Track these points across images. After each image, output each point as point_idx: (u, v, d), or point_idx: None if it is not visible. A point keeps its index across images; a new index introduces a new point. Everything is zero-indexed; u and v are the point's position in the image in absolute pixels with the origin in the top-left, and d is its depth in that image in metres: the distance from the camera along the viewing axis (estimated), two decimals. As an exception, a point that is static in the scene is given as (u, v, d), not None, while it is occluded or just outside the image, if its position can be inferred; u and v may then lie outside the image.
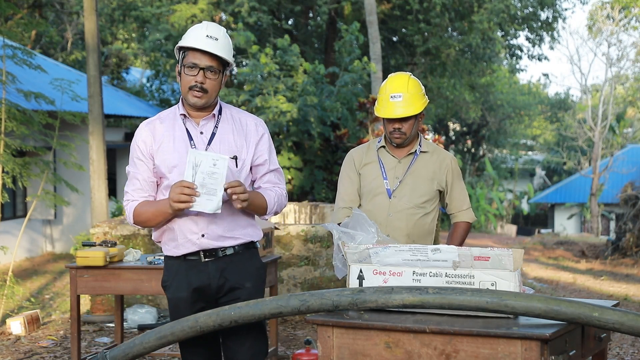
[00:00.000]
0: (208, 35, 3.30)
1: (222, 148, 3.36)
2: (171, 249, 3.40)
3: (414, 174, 3.97)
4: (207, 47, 3.27)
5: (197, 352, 3.44)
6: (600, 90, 30.57)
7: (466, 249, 2.90)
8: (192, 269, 3.36)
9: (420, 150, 4.01)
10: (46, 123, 8.36)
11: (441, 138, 13.83)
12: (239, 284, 3.38)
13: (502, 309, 2.73)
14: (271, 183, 3.49)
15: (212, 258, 3.36)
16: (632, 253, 14.79)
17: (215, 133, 3.38)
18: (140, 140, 3.38)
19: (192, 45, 3.28)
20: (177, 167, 3.32)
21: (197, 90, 3.29)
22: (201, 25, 3.36)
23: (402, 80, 3.92)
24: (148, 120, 3.45)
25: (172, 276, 3.41)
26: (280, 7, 20.23)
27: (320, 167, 14.81)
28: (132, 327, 7.12)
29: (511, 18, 21.75)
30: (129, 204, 3.39)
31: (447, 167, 4.02)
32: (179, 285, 3.38)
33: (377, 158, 4.02)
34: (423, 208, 3.95)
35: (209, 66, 3.29)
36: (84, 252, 5.00)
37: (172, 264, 3.42)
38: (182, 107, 3.39)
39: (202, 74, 3.29)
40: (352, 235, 3.19)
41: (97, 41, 10.62)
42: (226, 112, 3.46)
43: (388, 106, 3.88)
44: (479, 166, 34.60)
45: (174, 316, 3.40)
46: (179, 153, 3.33)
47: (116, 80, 20.61)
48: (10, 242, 11.52)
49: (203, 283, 3.36)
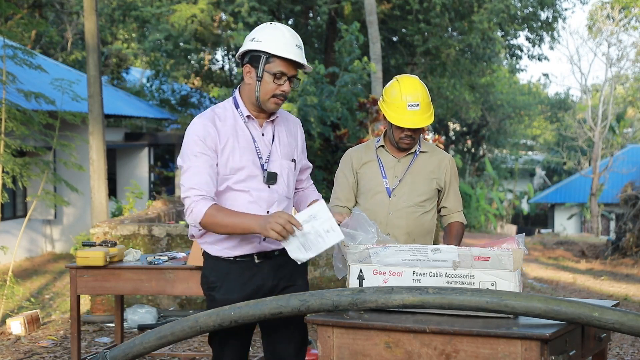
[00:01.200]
0: (297, 45, 3.28)
1: (281, 150, 3.37)
2: (223, 249, 3.32)
3: (413, 173, 3.98)
4: (300, 59, 3.26)
5: (229, 344, 3.38)
6: (600, 90, 30.57)
7: (466, 249, 2.90)
8: (246, 271, 3.32)
9: (419, 150, 4.02)
10: (46, 123, 8.36)
11: (441, 138, 13.84)
12: (292, 282, 3.40)
13: (502, 309, 2.73)
14: (309, 181, 3.61)
15: (265, 259, 3.34)
16: (632, 253, 14.79)
17: (274, 135, 3.37)
18: (203, 135, 3.23)
19: (286, 56, 3.23)
20: (243, 169, 3.27)
21: (281, 97, 3.28)
22: (287, 33, 3.29)
23: (416, 87, 3.88)
24: (206, 116, 3.30)
25: (223, 277, 3.33)
26: (280, 7, 20.22)
27: (320, 167, 14.80)
28: (132, 327, 7.12)
29: (511, 18, 21.74)
30: (200, 201, 3.17)
31: (446, 167, 4.03)
32: (231, 287, 3.32)
33: (376, 157, 4.02)
34: (422, 207, 3.97)
35: (294, 75, 3.29)
36: (84, 252, 5.00)
37: (221, 265, 3.34)
38: (246, 108, 3.33)
39: (288, 83, 3.27)
40: (352, 235, 3.19)
41: (97, 41, 10.62)
42: (279, 114, 3.46)
43: (405, 115, 3.83)
44: (479, 166, 34.60)
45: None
46: (245, 155, 3.28)
47: (116, 80, 20.62)
48: (10, 242, 11.52)
49: (257, 284, 3.33)
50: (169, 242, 7.60)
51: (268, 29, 3.30)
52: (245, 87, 3.32)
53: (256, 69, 3.26)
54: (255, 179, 3.29)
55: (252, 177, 3.29)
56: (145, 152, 17.07)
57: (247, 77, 3.30)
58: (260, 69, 3.24)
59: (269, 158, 3.32)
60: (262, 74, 3.25)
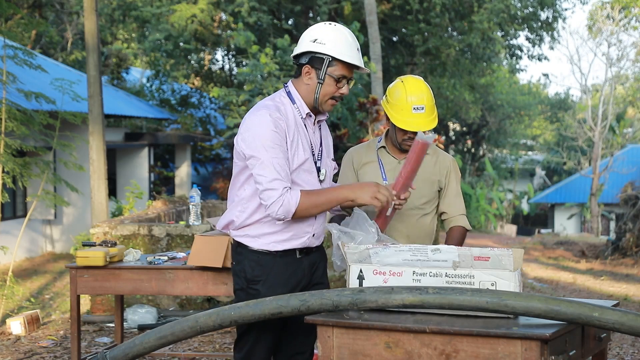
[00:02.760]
0: (358, 49, 3.36)
1: (327, 149, 3.52)
2: (270, 243, 3.33)
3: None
4: (362, 63, 3.37)
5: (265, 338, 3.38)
6: (600, 90, 30.58)
7: (466, 249, 2.90)
8: (289, 266, 3.35)
9: None
10: (46, 123, 8.36)
11: (441, 138, 13.84)
12: (321, 280, 3.48)
13: (502, 309, 2.73)
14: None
15: (305, 255, 3.40)
16: (632, 253, 14.79)
17: (322, 134, 3.50)
18: (276, 128, 3.24)
19: (350, 62, 3.29)
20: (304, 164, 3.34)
21: (339, 99, 3.39)
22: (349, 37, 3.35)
23: (422, 89, 3.81)
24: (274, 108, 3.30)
25: (267, 271, 3.34)
26: (280, 7, 20.23)
27: (320, 167, 14.81)
28: (132, 327, 7.12)
29: (511, 18, 21.75)
30: (289, 191, 3.20)
31: (447, 169, 3.96)
32: (277, 282, 3.33)
33: (377, 158, 3.96)
34: (422, 209, 3.91)
35: (351, 78, 3.39)
36: (84, 252, 5.00)
37: (264, 259, 3.34)
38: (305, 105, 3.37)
39: (347, 86, 3.37)
40: (352, 235, 3.18)
41: (97, 41, 10.62)
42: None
43: (410, 118, 3.77)
44: (479, 166, 34.60)
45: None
46: (306, 151, 3.36)
47: (116, 80, 20.62)
48: (10, 242, 11.52)
49: (298, 279, 3.38)
50: (169, 242, 7.60)
51: (331, 31, 3.32)
52: (303, 86, 3.36)
53: (317, 70, 3.30)
54: (312, 175, 3.38)
55: (309, 173, 3.37)
56: (145, 152, 17.07)
57: (306, 78, 3.33)
58: (323, 71, 3.29)
59: (320, 156, 3.43)
60: (324, 77, 3.29)
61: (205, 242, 4.67)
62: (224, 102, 17.19)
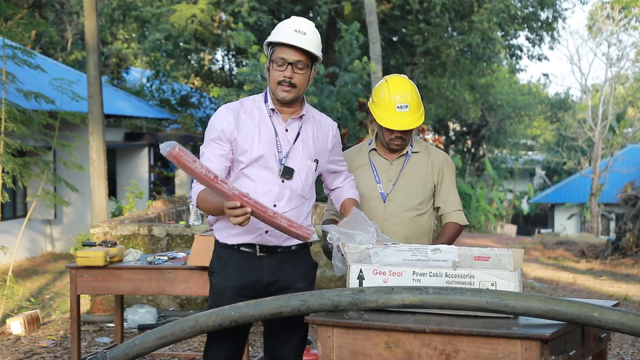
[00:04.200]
0: (296, 30, 3.30)
1: (305, 149, 3.40)
2: (229, 235, 3.35)
3: (406, 175, 3.88)
4: (296, 42, 3.27)
5: (225, 345, 3.39)
6: (600, 90, 30.57)
7: (466, 249, 2.90)
8: (246, 261, 3.34)
9: (412, 151, 3.91)
10: (46, 123, 8.35)
11: (441, 138, 13.84)
12: (291, 284, 3.38)
13: (502, 309, 2.73)
14: (349, 178, 3.68)
15: (267, 253, 3.36)
16: (632, 253, 14.79)
17: (299, 133, 3.41)
18: (221, 125, 3.33)
19: (280, 41, 3.28)
20: (260, 160, 3.32)
21: (286, 85, 3.31)
22: (290, 20, 3.36)
23: (405, 87, 3.79)
24: (230, 106, 3.40)
25: (224, 264, 3.37)
26: (280, 7, 20.23)
27: (320, 167, 14.80)
28: (132, 327, 7.12)
29: (511, 18, 21.74)
30: (197, 185, 3.30)
31: (440, 165, 3.92)
32: (228, 275, 3.35)
33: (369, 161, 3.92)
34: (418, 209, 3.87)
35: (297, 61, 3.29)
36: (84, 252, 5.01)
37: (224, 253, 3.39)
38: (271, 101, 3.39)
39: (290, 68, 3.29)
40: (351, 235, 3.18)
41: (97, 41, 10.62)
42: (309, 113, 3.48)
43: (394, 117, 3.74)
44: (479, 166, 34.60)
45: (214, 303, 3.32)
46: (264, 147, 3.33)
47: (116, 80, 20.62)
48: (10, 242, 11.51)
49: (255, 277, 3.35)
50: (169, 242, 7.60)
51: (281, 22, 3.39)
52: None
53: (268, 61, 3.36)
54: (270, 171, 3.33)
55: (267, 169, 3.33)
56: (145, 152, 17.07)
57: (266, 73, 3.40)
58: (268, 59, 3.34)
59: (288, 153, 3.35)
60: (270, 64, 3.33)
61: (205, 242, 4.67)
62: (224, 102, 17.17)
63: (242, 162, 3.33)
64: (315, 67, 3.38)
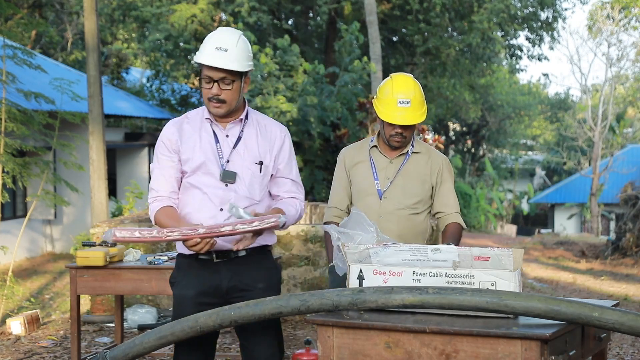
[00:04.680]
0: (218, 47, 3.31)
1: (246, 152, 3.41)
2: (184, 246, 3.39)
3: (405, 174, 3.90)
4: (215, 62, 3.30)
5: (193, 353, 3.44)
6: (600, 90, 30.57)
7: (466, 249, 2.90)
8: (204, 269, 3.37)
9: (412, 151, 3.93)
10: (46, 123, 8.35)
11: (441, 138, 13.84)
12: (250, 286, 3.39)
13: (502, 309, 2.73)
14: (290, 193, 3.53)
15: (224, 259, 3.37)
16: (632, 253, 14.79)
17: (241, 137, 3.43)
18: (166, 137, 3.43)
19: (201, 62, 3.32)
20: (202, 167, 3.38)
21: (215, 102, 3.35)
22: (212, 36, 3.38)
23: (408, 84, 3.84)
24: (175, 119, 3.51)
25: (182, 274, 3.43)
26: (280, 7, 20.23)
27: (320, 167, 14.81)
28: (132, 327, 7.12)
29: (511, 18, 21.75)
30: (154, 202, 3.42)
31: (439, 167, 3.93)
32: (188, 283, 3.40)
33: (369, 157, 3.95)
34: (414, 209, 3.88)
35: (222, 78, 3.32)
36: (84, 252, 5.00)
37: (183, 262, 3.44)
38: (208, 112, 3.43)
39: (217, 86, 3.33)
40: (351, 235, 3.18)
41: (97, 41, 10.62)
42: (252, 118, 3.50)
43: (396, 111, 3.78)
44: (479, 166, 34.61)
45: (177, 313, 3.39)
46: (205, 154, 3.39)
47: (116, 80, 20.62)
48: (10, 242, 11.51)
49: (213, 283, 3.38)
50: (169, 242, 7.59)
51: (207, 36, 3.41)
52: None
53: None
54: (213, 177, 3.38)
55: (209, 175, 3.38)
56: (145, 152, 17.07)
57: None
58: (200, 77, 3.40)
59: (230, 158, 3.40)
60: (200, 81, 3.39)
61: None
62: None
63: (187, 171, 3.41)
64: (247, 75, 3.40)
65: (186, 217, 3.40)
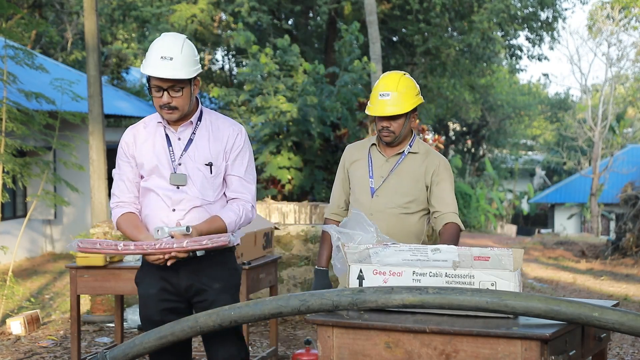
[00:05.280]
0: (162, 57, 3.33)
1: (197, 154, 3.46)
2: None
3: (399, 173, 3.90)
4: (161, 73, 3.32)
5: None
6: (600, 90, 30.57)
7: (466, 249, 2.90)
8: (164, 269, 3.42)
9: (409, 151, 3.93)
10: (46, 123, 8.35)
11: (441, 138, 13.84)
12: (206, 285, 3.46)
13: (502, 309, 2.73)
14: (235, 193, 3.53)
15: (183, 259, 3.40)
16: (632, 253, 14.78)
17: (192, 139, 3.48)
18: (124, 143, 3.53)
19: (147, 74, 3.34)
20: (155, 170, 3.45)
21: (167, 109, 3.40)
22: (157, 44, 3.38)
23: (393, 78, 3.89)
24: (133, 125, 3.59)
25: (145, 273, 3.53)
26: (280, 7, 20.23)
27: (320, 167, 14.79)
28: (132, 327, 7.12)
29: (511, 18, 21.74)
30: (115, 209, 3.54)
31: (435, 168, 3.91)
32: (150, 283, 3.49)
33: (368, 155, 3.98)
34: (406, 208, 3.87)
35: (171, 86, 3.36)
36: (84, 252, 5.00)
37: (145, 262, 3.52)
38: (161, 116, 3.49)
39: (166, 94, 3.36)
40: (351, 235, 3.18)
41: (97, 41, 10.61)
42: (206, 119, 3.54)
43: (377, 104, 3.85)
44: (479, 166, 34.61)
45: (142, 312, 3.51)
46: (157, 157, 3.45)
47: (116, 80, 20.61)
48: (10, 242, 11.51)
49: (172, 282, 3.46)
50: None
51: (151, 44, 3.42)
52: None
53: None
54: (165, 180, 3.45)
55: (162, 178, 3.45)
56: (146, 152, 17.05)
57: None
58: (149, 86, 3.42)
59: (181, 161, 3.44)
60: (150, 90, 3.41)
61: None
62: (223, 102, 17.19)
63: (143, 175, 3.48)
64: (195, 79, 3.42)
65: (145, 218, 3.49)
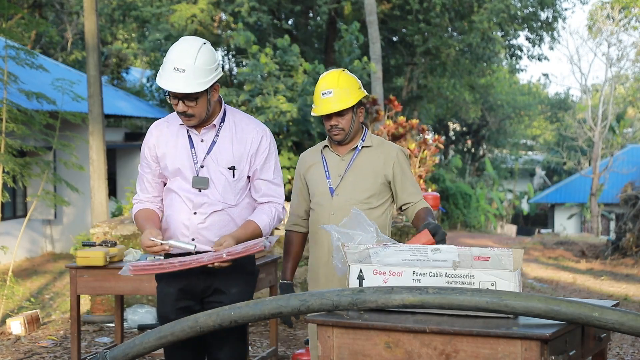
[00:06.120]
0: (175, 68, 3.29)
1: (220, 157, 3.43)
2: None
3: (355, 169, 3.90)
4: (171, 87, 3.29)
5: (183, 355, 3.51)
6: (600, 90, 30.57)
7: (466, 249, 2.90)
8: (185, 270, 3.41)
9: (362, 145, 3.93)
10: (47, 123, 8.36)
11: (441, 138, 13.79)
12: (225, 289, 3.46)
13: (502, 309, 2.73)
14: (265, 197, 3.53)
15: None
16: (632, 253, 14.78)
17: (215, 142, 3.45)
18: (147, 143, 3.51)
19: (160, 85, 3.32)
20: (178, 173, 3.43)
21: (184, 116, 3.39)
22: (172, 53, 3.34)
23: (333, 76, 3.90)
24: (157, 123, 3.56)
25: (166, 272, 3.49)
26: (280, 7, 20.22)
27: (320, 167, 14.80)
28: (132, 327, 7.12)
29: (511, 18, 21.75)
30: (135, 205, 3.59)
31: (393, 160, 3.90)
32: (169, 281, 3.48)
33: (321, 158, 3.97)
34: (367, 203, 3.86)
35: (184, 96, 3.32)
36: (84, 252, 5.01)
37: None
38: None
39: (182, 103, 3.34)
40: (351, 235, 3.18)
41: (97, 41, 10.62)
42: (229, 120, 3.49)
43: (321, 103, 3.85)
44: (479, 166, 34.60)
45: (160, 309, 3.52)
46: (180, 160, 3.43)
47: (116, 80, 20.62)
48: (10, 242, 11.52)
49: (190, 282, 3.46)
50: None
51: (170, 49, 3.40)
52: None
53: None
54: (188, 183, 3.44)
55: (186, 180, 3.44)
56: (146, 152, 17.06)
57: None
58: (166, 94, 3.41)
59: (204, 164, 3.43)
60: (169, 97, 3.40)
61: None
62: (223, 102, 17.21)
63: (168, 175, 3.48)
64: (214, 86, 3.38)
65: (167, 219, 3.48)
